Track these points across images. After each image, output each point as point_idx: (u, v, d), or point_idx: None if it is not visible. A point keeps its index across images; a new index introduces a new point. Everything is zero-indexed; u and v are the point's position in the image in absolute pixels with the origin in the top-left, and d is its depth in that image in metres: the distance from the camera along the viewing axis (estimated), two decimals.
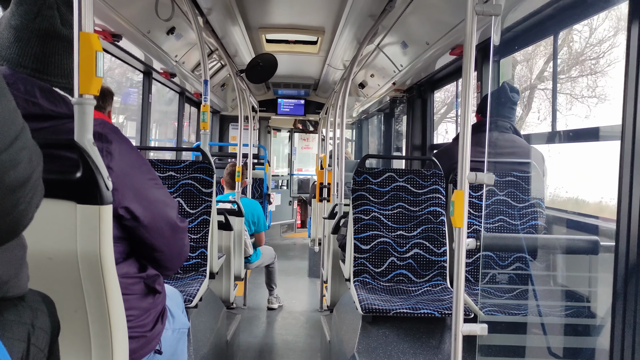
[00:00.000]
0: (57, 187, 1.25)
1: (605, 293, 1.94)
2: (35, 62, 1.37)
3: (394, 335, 2.70)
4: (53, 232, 1.26)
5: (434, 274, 3.12)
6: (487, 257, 2.97)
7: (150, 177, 1.53)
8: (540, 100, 5.70)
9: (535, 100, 6.14)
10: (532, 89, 5.96)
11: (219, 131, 9.56)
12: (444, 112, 11.11)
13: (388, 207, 3.23)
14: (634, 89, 1.48)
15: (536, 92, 6.07)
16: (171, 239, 1.61)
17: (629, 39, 1.51)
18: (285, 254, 8.69)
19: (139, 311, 1.53)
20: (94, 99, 1.29)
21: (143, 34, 3.73)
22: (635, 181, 1.47)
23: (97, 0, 2.89)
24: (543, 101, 5.83)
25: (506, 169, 3.08)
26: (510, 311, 2.59)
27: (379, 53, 5.20)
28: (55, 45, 1.39)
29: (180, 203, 3.13)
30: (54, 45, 1.39)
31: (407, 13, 3.74)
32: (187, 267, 3.06)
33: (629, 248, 1.48)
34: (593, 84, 5.17)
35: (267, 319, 5.33)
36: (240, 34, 4.82)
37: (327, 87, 7.97)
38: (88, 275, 1.28)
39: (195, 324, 2.71)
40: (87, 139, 1.26)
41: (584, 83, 5.30)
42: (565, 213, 2.96)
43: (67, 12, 1.39)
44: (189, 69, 5.29)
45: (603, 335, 1.92)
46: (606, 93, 4.61)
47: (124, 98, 6.07)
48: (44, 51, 1.37)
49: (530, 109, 5.82)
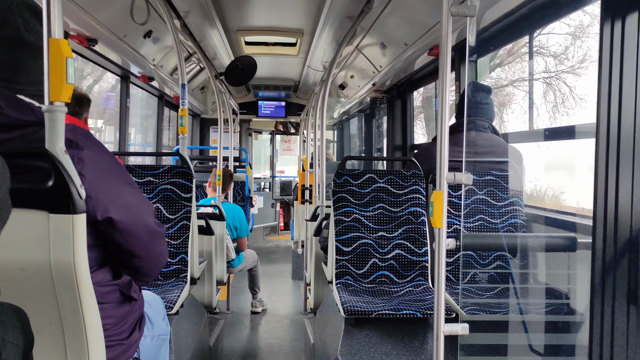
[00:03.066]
0: (29, 196, 1.23)
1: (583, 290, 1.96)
2: (3, 71, 1.34)
3: (377, 337, 2.70)
4: (25, 243, 1.24)
5: (416, 274, 3.12)
6: (468, 256, 2.98)
7: (125, 181, 1.51)
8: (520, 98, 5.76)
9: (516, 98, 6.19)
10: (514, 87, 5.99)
11: (200, 134, 9.48)
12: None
13: (369, 208, 3.24)
14: (607, 86, 1.49)
15: (516, 90, 6.12)
16: (149, 244, 1.59)
17: (601, 38, 1.52)
18: (268, 256, 8.66)
19: (115, 319, 1.51)
20: (65, 106, 1.26)
21: (119, 38, 3.69)
22: (610, 177, 1.49)
23: (71, 4, 2.85)
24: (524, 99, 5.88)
25: (485, 168, 3.10)
26: (492, 310, 2.60)
27: (359, 54, 5.21)
28: (21, 53, 1.36)
29: (159, 208, 3.10)
30: (20, 52, 1.36)
31: (385, 14, 3.76)
32: (167, 273, 3.03)
33: (605, 244, 1.50)
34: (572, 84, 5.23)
35: (250, 323, 5.30)
36: (219, 37, 4.80)
37: (308, 89, 7.96)
38: (62, 286, 1.25)
39: (176, 331, 2.69)
40: (58, 147, 1.24)
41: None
42: (544, 211, 2.98)
43: (30, 18, 1.37)
44: (168, 73, 5.25)
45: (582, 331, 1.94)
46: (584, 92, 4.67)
47: (104, 103, 6.00)
48: (11, 59, 1.35)
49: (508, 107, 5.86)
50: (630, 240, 1.41)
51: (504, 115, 5.64)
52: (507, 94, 6.08)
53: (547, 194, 3.25)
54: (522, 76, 5.81)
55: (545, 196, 3.24)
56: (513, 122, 5.73)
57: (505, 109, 5.80)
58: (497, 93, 5.59)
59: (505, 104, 5.83)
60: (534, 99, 3.14)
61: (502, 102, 5.81)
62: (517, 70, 5.49)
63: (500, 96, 5.78)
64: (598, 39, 1.55)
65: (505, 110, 5.81)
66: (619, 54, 1.44)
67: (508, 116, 5.76)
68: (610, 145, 1.49)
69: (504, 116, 5.62)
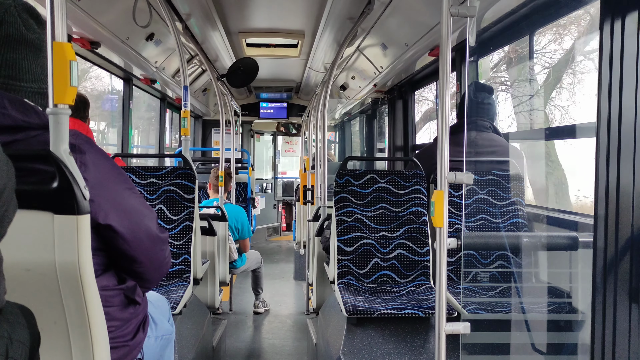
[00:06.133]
0: (34, 198, 1.24)
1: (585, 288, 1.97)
2: (6, 68, 1.36)
3: (379, 337, 2.71)
4: (30, 244, 1.25)
5: (418, 274, 3.13)
6: (469, 256, 2.99)
7: (126, 186, 1.52)
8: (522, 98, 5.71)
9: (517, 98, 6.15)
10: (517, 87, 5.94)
11: (202, 136, 9.50)
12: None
13: (370, 208, 3.24)
14: (607, 84, 1.50)
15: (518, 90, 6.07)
16: (151, 250, 1.59)
17: (601, 37, 1.53)
18: (271, 257, 8.67)
19: (120, 322, 1.52)
20: (69, 109, 1.27)
21: (122, 40, 3.71)
22: (611, 176, 1.49)
23: (74, 8, 2.87)
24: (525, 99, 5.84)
25: (486, 168, 3.11)
26: (493, 309, 2.61)
27: (360, 55, 5.22)
28: (23, 50, 1.37)
29: (162, 209, 3.11)
30: (22, 50, 1.37)
31: (386, 15, 3.76)
32: (171, 273, 3.04)
33: (606, 243, 1.50)
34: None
35: (253, 323, 5.32)
36: (220, 39, 4.81)
37: (309, 90, 7.97)
38: (67, 286, 1.27)
39: (179, 331, 2.70)
40: (62, 149, 1.25)
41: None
42: (546, 210, 2.99)
43: (28, 18, 1.38)
44: (170, 75, 5.27)
45: (584, 329, 1.94)
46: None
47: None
48: (13, 57, 1.36)
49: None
50: (631, 239, 1.41)
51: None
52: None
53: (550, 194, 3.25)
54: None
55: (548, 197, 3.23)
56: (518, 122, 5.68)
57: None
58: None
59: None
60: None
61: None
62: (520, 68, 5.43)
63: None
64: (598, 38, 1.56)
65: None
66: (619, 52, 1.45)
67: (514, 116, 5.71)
68: (611, 144, 1.50)
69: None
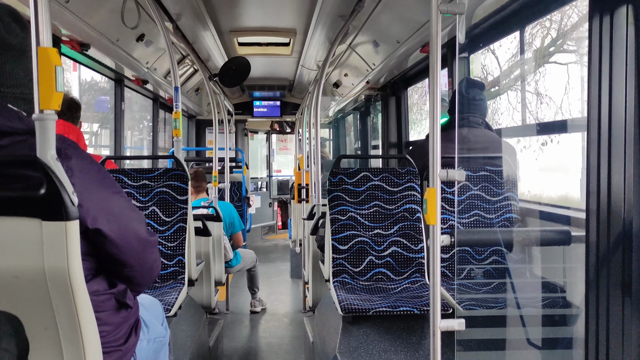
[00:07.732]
0: (21, 204, 1.23)
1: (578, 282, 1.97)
2: None
3: (374, 334, 2.71)
4: (18, 251, 1.24)
5: (412, 271, 3.13)
6: (464, 252, 2.99)
7: (113, 190, 1.51)
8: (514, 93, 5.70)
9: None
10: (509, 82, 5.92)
11: (196, 136, 9.48)
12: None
13: (364, 206, 3.24)
14: (597, 80, 1.50)
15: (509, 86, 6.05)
16: (141, 254, 1.58)
17: (590, 32, 1.53)
18: (267, 256, 8.67)
19: (112, 327, 1.51)
20: (55, 115, 1.26)
21: (112, 41, 3.69)
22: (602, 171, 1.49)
23: (62, 10, 2.85)
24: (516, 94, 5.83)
25: (479, 164, 3.11)
26: (488, 305, 2.61)
27: (352, 52, 5.22)
28: (5, 55, 1.36)
29: (155, 211, 3.10)
30: (4, 54, 1.36)
31: (377, 12, 3.76)
32: (165, 275, 3.03)
33: (599, 237, 1.50)
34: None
35: (250, 322, 5.31)
36: (212, 38, 4.80)
37: (302, 88, 7.97)
38: (57, 292, 1.26)
39: (175, 333, 2.69)
40: (50, 155, 1.24)
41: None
42: (539, 205, 3.00)
43: (11, 22, 1.37)
44: (162, 75, 5.25)
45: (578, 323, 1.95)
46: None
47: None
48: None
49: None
50: (623, 233, 1.42)
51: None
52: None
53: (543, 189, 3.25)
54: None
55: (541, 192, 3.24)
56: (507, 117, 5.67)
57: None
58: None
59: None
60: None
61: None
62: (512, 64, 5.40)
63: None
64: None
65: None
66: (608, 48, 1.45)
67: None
68: (602, 139, 1.50)
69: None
